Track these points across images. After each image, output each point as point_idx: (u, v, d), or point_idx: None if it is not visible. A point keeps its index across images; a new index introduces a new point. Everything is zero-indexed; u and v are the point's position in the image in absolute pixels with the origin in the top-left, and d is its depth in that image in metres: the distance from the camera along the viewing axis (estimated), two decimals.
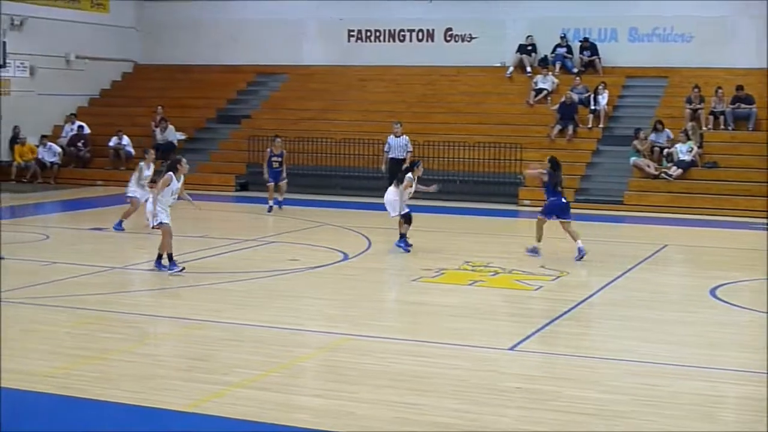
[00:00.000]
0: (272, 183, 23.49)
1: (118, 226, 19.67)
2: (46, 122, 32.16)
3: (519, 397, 9.49)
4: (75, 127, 31.55)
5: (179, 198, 15.88)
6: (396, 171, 24.16)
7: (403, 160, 24.48)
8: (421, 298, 14.25)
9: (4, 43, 24.39)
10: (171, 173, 15.44)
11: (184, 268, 15.31)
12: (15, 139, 30.89)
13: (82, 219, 20.40)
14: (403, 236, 17.87)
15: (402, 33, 33.25)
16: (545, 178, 17.76)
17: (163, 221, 15.29)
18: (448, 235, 20.61)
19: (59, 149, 30.85)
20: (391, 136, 24.96)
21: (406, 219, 17.87)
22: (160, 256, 15.51)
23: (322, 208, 24.20)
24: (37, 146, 30.83)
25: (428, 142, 27.43)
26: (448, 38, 32.79)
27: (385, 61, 32.95)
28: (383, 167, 25.26)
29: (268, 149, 24.25)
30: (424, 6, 32.83)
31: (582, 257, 17.07)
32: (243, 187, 28.96)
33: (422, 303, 13.95)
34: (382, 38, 33.51)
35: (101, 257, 16.96)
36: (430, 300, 14.09)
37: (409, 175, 17.96)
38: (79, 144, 31.20)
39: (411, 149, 25.07)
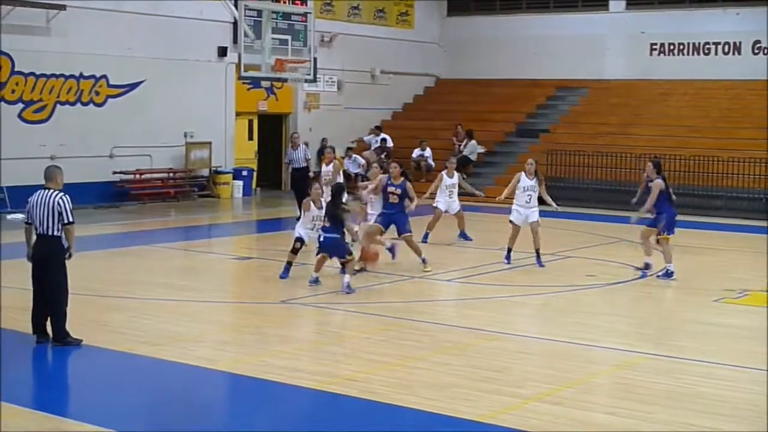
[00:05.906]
0: None
1: (424, 239, 19.98)
2: (351, 135, 33.45)
3: None
4: (379, 139, 32.65)
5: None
6: None
7: None
8: (721, 320, 13.81)
9: (315, 59, 25.58)
10: None
11: None
12: (322, 151, 32.29)
13: None
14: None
15: (707, 46, 32.34)
16: (662, 187, 16.38)
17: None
18: (755, 256, 19.83)
19: (363, 161, 31.99)
20: None
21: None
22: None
23: (618, 224, 23.82)
24: (343, 158, 32.10)
25: (732, 158, 26.48)
26: (756, 51, 31.56)
27: (687, 74, 32.13)
28: None
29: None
30: (731, 18, 31.82)
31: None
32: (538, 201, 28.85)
33: (723, 324, 13.53)
34: (685, 51, 32.71)
35: (397, 266, 17.36)
36: (732, 322, 13.66)
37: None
38: (383, 156, 32.21)
39: None
